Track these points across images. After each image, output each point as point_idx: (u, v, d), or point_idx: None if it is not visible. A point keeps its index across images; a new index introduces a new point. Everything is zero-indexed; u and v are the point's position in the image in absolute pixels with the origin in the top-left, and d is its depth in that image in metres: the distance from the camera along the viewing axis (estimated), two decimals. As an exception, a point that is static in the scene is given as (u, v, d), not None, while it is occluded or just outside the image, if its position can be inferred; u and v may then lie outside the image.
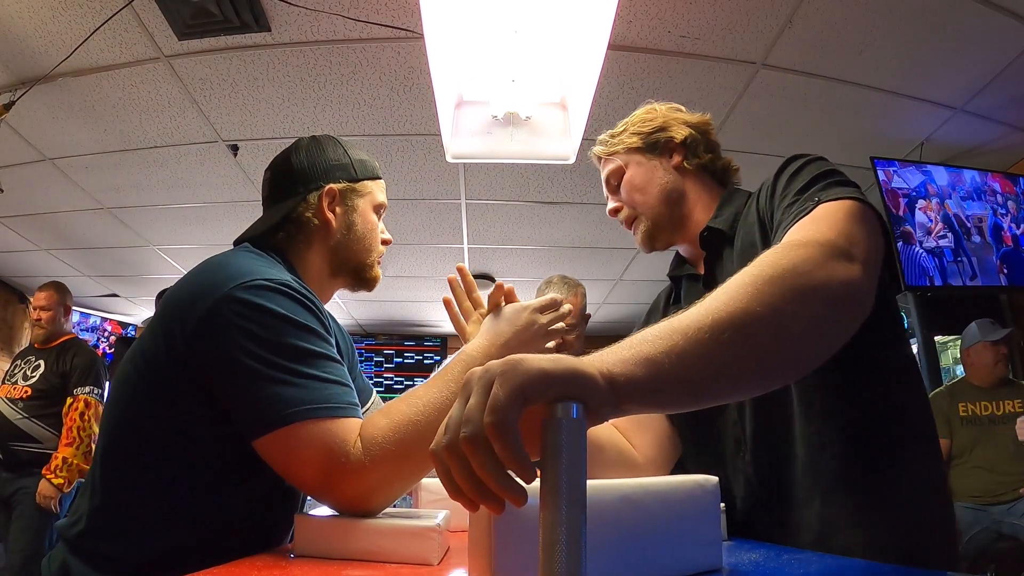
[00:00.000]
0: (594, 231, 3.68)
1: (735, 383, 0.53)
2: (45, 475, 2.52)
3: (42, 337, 2.80)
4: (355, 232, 1.01)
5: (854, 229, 0.67)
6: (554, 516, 0.37)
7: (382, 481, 0.72)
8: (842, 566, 0.65)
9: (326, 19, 2.03)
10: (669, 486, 0.60)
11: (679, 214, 1.05)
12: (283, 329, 0.75)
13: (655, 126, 1.07)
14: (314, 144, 1.02)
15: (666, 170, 1.05)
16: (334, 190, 0.99)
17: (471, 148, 1.81)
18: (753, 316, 0.52)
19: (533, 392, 0.41)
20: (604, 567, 0.52)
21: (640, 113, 1.10)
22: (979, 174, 2.90)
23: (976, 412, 2.65)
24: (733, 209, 0.99)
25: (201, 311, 0.75)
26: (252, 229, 0.98)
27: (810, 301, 0.56)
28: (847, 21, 2.05)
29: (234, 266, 0.81)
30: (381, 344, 5.87)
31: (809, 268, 0.58)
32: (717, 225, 0.98)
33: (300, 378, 0.73)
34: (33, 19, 2.00)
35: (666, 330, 0.50)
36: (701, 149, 1.06)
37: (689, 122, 1.07)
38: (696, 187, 1.05)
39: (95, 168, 2.98)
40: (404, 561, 0.66)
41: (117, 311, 5.45)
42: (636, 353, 0.48)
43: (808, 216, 0.72)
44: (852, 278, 0.60)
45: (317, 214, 0.97)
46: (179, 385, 0.77)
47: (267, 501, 0.84)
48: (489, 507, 0.41)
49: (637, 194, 1.06)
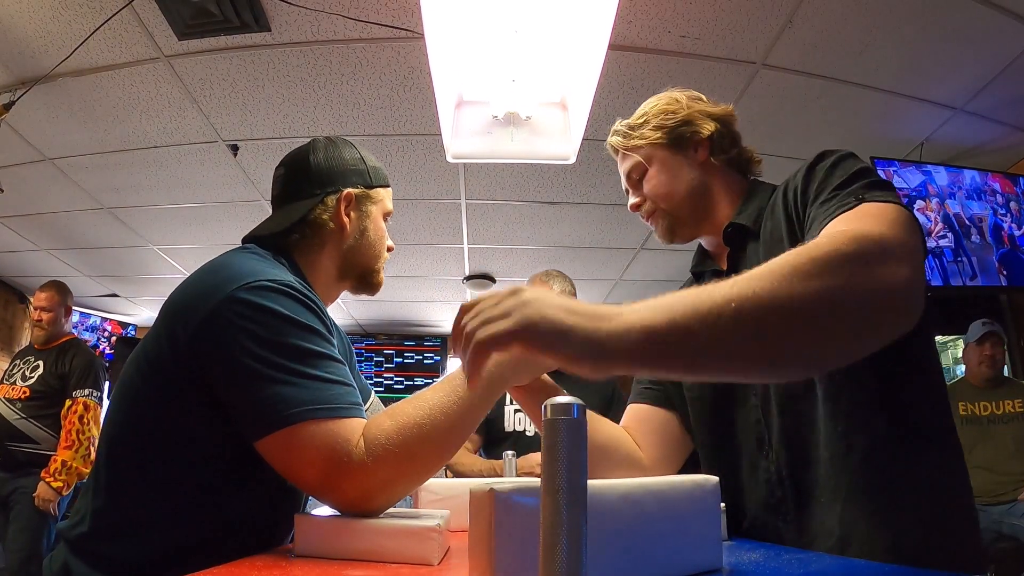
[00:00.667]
0: (594, 231, 3.68)
1: (747, 361, 0.55)
2: (44, 478, 2.51)
3: (42, 338, 2.79)
4: (367, 238, 1.01)
5: (902, 232, 0.64)
6: (554, 516, 0.37)
7: (385, 482, 0.72)
8: (842, 566, 0.65)
9: (326, 19, 2.03)
10: (669, 486, 0.60)
11: (703, 208, 1.01)
12: (285, 329, 0.75)
13: (679, 120, 1.01)
14: (332, 146, 1.02)
15: (691, 166, 1.01)
16: (351, 195, 0.99)
17: (471, 148, 1.81)
18: (779, 303, 0.52)
19: (529, 337, 0.53)
20: (604, 567, 0.52)
21: (662, 104, 1.04)
22: (979, 174, 2.90)
23: (975, 412, 2.66)
24: (758, 203, 0.96)
25: (203, 312, 0.75)
26: (265, 227, 0.98)
27: (845, 300, 0.54)
28: (847, 21, 2.05)
29: (236, 267, 0.81)
30: (381, 344, 5.87)
31: (853, 266, 0.55)
32: (742, 221, 0.94)
33: (302, 378, 0.73)
34: (33, 19, 2.00)
35: (692, 296, 0.53)
36: (727, 143, 1.03)
37: (713, 114, 1.02)
38: (720, 181, 1.01)
39: (95, 168, 2.98)
40: (404, 561, 0.66)
41: (117, 311, 5.45)
42: (666, 309, 0.53)
43: (850, 212, 0.69)
44: (900, 282, 0.57)
45: (334, 218, 0.97)
46: (181, 386, 0.77)
47: (269, 501, 0.84)
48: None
49: (662, 190, 1.01)
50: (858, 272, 0.55)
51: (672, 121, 1.01)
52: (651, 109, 1.04)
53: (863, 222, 0.66)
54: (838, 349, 0.56)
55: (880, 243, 0.59)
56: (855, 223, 0.66)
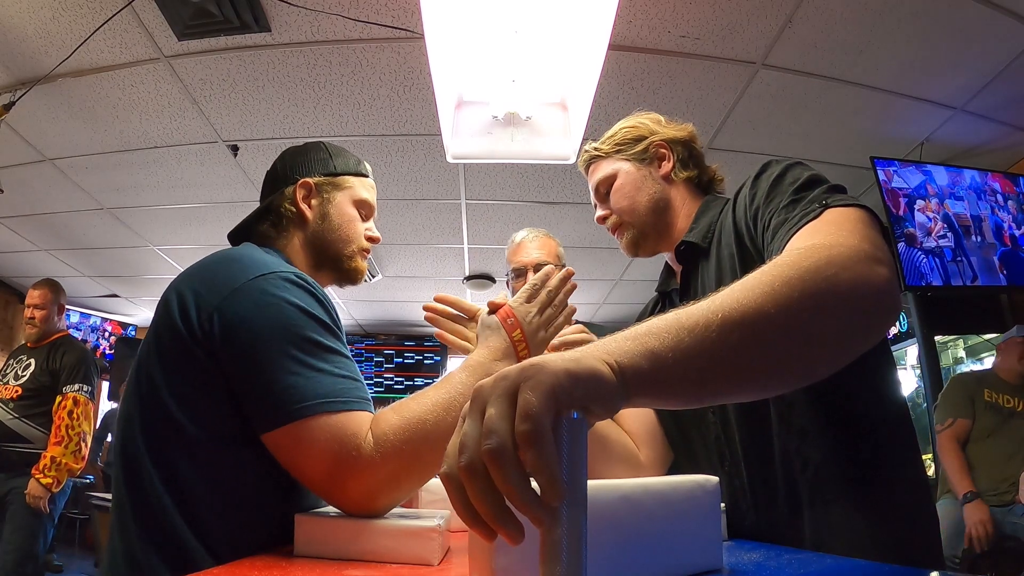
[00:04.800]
0: (594, 231, 3.68)
1: (743, 382, 0.51)
2: (34, 475, 2.48)
3: (35, 336, 2.76)
4: (330, 222, 1.02)
5: (874, 233, 0.65)
6: (555, 516, 0.37)
7: (391, 478, 0.71)
8: (842, 566, 0.65)
9: (326, 19, 2.03)
10: (669, 486, 0.60)
11: (664, 223, 1.07)
12: (301, 322, 0.76)
13: (643, 135, 1.09)
14: (298, 149, 1.08)
15: (655, 179, 1.08)
16: (308, 183, 1.02)
17: (471, 148, 1.81)
18: (765, 317, 0.49)
19: (564, 395, 0.38)
20: (605, 567, 0.52)
21: (628, 124, 1.13)
22: (979, 174, 2.90)
23: (999, 402, 2.64)
24: (707, 220, 1.01)
25: (219, 299, 0.76)
26: (239, 224, 1.03)
27: (833, 305, 0.54)
28: (847, 21, 2.05)
29: (248, 259, 0.82)
30: (381, 344, 5.87)
31: (834, 271, 0.55)
32: (692, 239, 1.00)
33: (313, 372, 0.73)
34: (33, 20, 2.00)
35: (674, 325, 0.48)
36: (689, 160, 1.09)
37: (677, 136, 1.10)
38: (681, 196, 1.08)
39: (95, 168, 2.98)
40: (404, 561, 0.66)
41: (117, 311, 5.45)
42: (642, 346, 0.46)
43: (818, 219, 0.70)
44: (883, 283, 0.58)
45: (293, 204, 1.01)
46: (200, 376, 0.76)
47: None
48: (508, 534, 0.37)
49: (626, 202, 1.08)
50: (843, 277, 0.55)
51: (635, 136, 1.10)
52: (617, 129, 1.13)
53: (835, 227, 0.67)
54: (829, 355, 0.55)
55: (858, 248, 0.59)
56: (828, 228, 0.67)
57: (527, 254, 1.73)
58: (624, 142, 1.10)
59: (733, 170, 1.19)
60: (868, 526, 0.78)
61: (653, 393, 0.46)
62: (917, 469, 0.86)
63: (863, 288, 0.56)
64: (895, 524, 0.79)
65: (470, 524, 0.39)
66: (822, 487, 0.81)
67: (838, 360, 0.56)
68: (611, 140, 1.12)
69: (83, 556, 4.68)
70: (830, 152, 2.85)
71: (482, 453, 0.37)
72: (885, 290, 0.58)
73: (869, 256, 0.59)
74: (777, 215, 0.79)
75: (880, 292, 0.57)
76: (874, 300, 0.57)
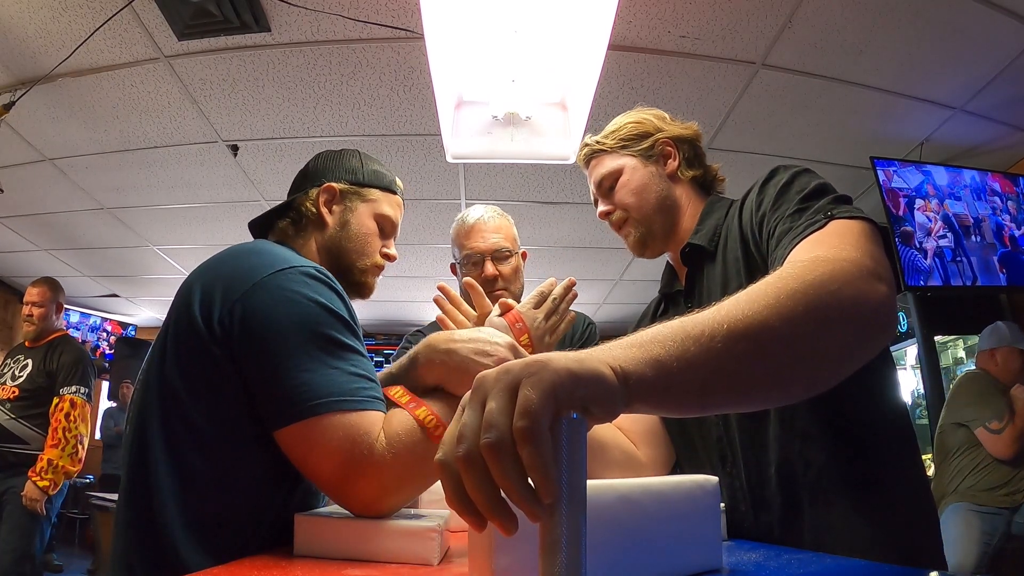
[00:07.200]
0: (594, 231, 3.68)
1: (745, 394, 0.52)
2: (31, 477, 2.48)
3: (32, 334, 2.74)
4: (348, 231, 1.02)
5: (875, 248, 0.66)
6: (554, 516, 0.37)
7: (401, 478, 0.71)
8: (842, 566, 0.65)
9: (326, 19, 2.03)
10: (669, 486, 0.60)
11: (670, 222, 1.06)
12: (320, 318, 0.75)
13: (648, 132, 1.07)
14: (332, 153, 1.08)
15: (661, 177, 1.06)
16: (333, 188, 1.02)
17: (471, 148, 1.81)
18: (770, 329, 0.50)
19: (564, 394, 0.39)
20: (604, 567, 0.52)
21: (631, 119, 1.09)
22: (979, 174, 2.90)
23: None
24: (714, 222, 1.00)
25: (239, 292, 0.75)
26: (261, 215, 1.04)
27: (835, 319, 0.55)
28: (847, 21, 2.05)
29: (267, 253, 0.82)
30: (381, 344, 5.87)
31: (838, 286, 0.56)
32: (698, 241, 0.99)
33: (329, 369, 0.73)
34: (33, 19, 2.00)
35: (679, 333, 0.48)
36: (694, 159, 1.08)
37: (683, 134, 1.08)
38: (685, 196, 1.06)
39: (95, 168, 2.98)
40: (404, 561, 0.66)
41: (117, 311, 5.45)
42: (647, 353, 0.46)
43: (823, 231, 0.71)
44: (883, 299, 0.59)
45: (315, 206, 1.01)
46: (214, 371, 0.75)
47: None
48: (502, 525, 0.38)
49: (633, 199, 1.05)
50: (846, 292, 0.56)
51: (640, 132, 1.07)
52: (621, 124, 1.10)
53: (839, 239, 0.68)
54: (830, 368, 0.56)
55: (860, 263, 0.60)
56: (831, 240, 0.68)
57: (483, 239, 1.53)
58: (629, 138, 1.07)
59: (733, 170, 1.19)
60: (868, 527, 0.78)
61: (655, 400, 0.46)
62: (917, 470, 0.87)
63: (864, 304, 0.57)
64: (895, 525, 0.79)
65: (461, 513, 0.39)
66: (823, 489, 0.81)
67: (839, 373, 0.57)
68: (615, 135, 1.08)
69: (83, 556, 4.68)
70: (830, 152, 2.85)
71: (480, 446, 0.37)
72: (884, 307, 0.59)
73: (871, 272, 0.60)
74: (783, 223, 0.79)
75: (879, 309, 0.58)
76: (872, 316, 0.58)
